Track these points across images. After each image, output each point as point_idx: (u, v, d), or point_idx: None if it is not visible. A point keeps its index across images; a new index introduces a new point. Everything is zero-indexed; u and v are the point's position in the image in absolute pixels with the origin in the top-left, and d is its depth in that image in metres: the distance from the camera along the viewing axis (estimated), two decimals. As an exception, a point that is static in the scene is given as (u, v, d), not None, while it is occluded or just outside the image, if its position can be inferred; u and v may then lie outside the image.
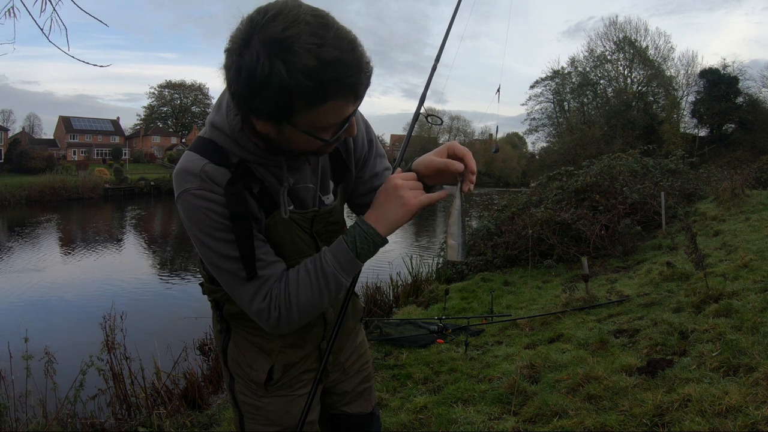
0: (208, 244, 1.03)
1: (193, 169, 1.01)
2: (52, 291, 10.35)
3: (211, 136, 1.05)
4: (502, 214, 9.01)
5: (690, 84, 39.65)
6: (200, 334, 6.09)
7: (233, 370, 1.29)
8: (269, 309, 1.06)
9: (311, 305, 1.08)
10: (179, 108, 71.01)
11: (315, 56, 0.81)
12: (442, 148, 1.10)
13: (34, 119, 63.44)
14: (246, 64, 0.83)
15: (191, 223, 1.02)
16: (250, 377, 1.27)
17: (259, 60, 0.81)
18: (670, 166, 10.62)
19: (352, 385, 1.45)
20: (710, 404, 2.15)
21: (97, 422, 3.41)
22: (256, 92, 0.85)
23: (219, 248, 1.03)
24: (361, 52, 0.87)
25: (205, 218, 1.01)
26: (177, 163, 1.07)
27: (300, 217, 1.15)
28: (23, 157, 42.75)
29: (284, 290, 1.06)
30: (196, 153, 1.05)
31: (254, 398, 1.28)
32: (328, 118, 0.91)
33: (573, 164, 16.30)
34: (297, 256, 1.17)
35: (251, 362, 1.26)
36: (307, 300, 1.06)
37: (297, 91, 0.83)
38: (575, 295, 4.66)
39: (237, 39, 0.85)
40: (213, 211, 1.01)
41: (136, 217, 27.18)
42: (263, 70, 0.81)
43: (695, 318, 3.33)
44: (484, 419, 2.64)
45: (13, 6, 1.99)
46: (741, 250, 5.11)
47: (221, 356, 1.32)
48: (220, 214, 1.01)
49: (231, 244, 1.02)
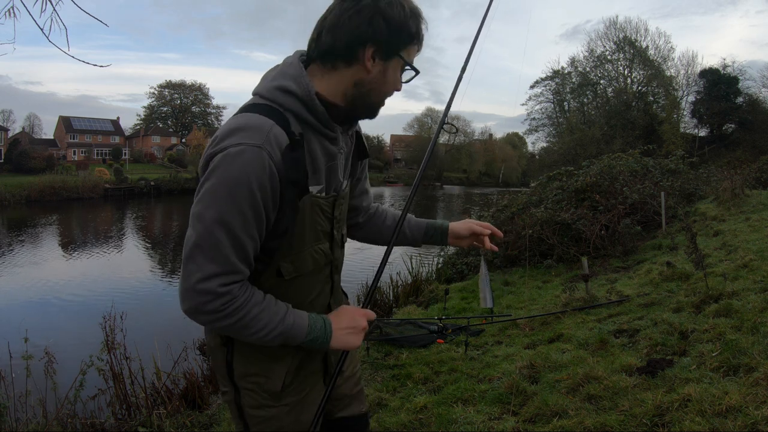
0: (222, 206, 0.98)
1: (262, 126, 1.01)
2: (52, 291, 10.35)
3: (276, 101, 1.06)
4: (502, 214, 9.01)
5: (690, 84, 39.63)
6: (200, 334, 6.05)
7: (241, 384, 1.22)
8: (221, 298, 1.00)
9: (241, 332, 1.05)
10: (179, 108, 71.00)
11: (410, 7, 1.07)
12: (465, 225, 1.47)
13: (34, 119, 63.40)
14: (376, 7, 1.03)
15: (226, 178, 0.97)
16: (263, 387, 1.21)
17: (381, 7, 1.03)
18: (670, 166, 10.62)
19: (349, 388, 1.46)
20: (710, 404, 2.15)
21: (97, 422, 3.41)
22: (385, 28, 1.03)
23: (229, 215, 0.98)
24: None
25: (246, 180, 0.97)
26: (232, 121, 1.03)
27: (324, 201, 1.17)
28: (23, 157, 42.72)
29: (247, 297, 1.04)
30: (260, 114, 1.03)
31: (265, 409, 1.23)
32: (411, 57, 1.13)
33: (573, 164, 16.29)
34: (314, 242, 1.18)
35: (263, 371, 1.21)
36: (253, 320, 1.04)
37: (404, 27, 1.06)
38: (575, 295, 4.66)
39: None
40: (260, 177, 0.99)
41: (136, 217, 27.18)
42: (390, 10, 1.03)
43: (695, 318, 3.33)
44: (484, 419, 2.64)
45: (13, 6, 1.99)
46: (741, 250, 5.11)
47: (224, 371, 1.23)
48: (261, 186, 0.99)
49: (245, 220, 1.00)
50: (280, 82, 1.07)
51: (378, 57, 1.06)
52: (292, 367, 1.25)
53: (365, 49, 1.04)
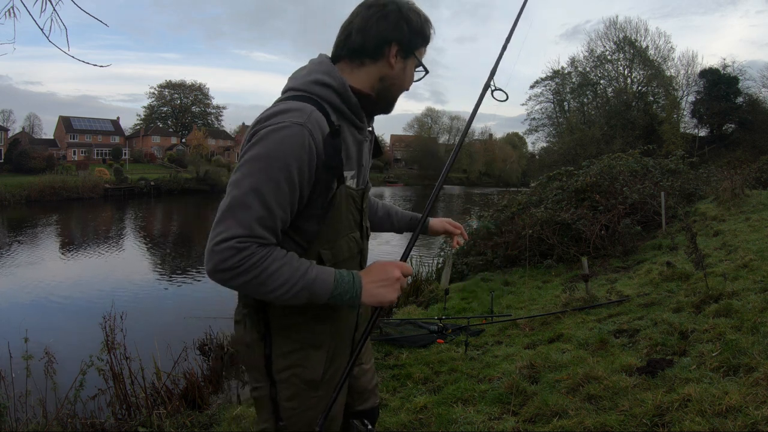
0: (260, 175, 1.03)
1: (304, 108, 1.09)
2: (52, 291, 10.35)
3: (313, 93, 1.15)
4: (502, 214, 9.01)
5: (690, 84, 39.58)
6: (200, 334, 6.09)
7: (279, 377, 1.23)
8: (239, 254, 1.02)
9: (262, 288, 1.05)
10: (179, 108, 71.02)
11: (423, 15, 1.24)
12: (441, 223, 1.69)
13: (34, 119, 63.39)
14: (400, 13, 1.19)
15: (267, 149, 1.04)
16: (302, 377, 1.23)
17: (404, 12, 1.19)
18: (670, 166, 10.62)
19: (367, 381, 1.49)
20: (710, 404, 2.15)
21: (97, 422, 3.41)
22: (407, 30, 1.20)
23: (264, 184, 1.03)
24: None
25: (285, 154, 1.04)
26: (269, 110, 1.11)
27: (355, 192, 1.25)
28: (23, 157, 42.71)
29: (266, 253, 1.05)
30: (301, 101, 1.12)
31: (301, 401, 1.24)
32: (421, 58, 1.28)
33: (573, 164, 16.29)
34: (348, 231, 1.24)
35: (302, 361, 1.23)
36: (271, 277, 1.04)
37: (421, 31, 1.23)
38: (575, 295, 4.66)
39: (380, 3, 1.19)
40: (299, 153, 1.05)
41: (136, 217, 27.18)
42: (411, 15, 1.20)
43: (695, 318, 3.33)
44: (484, 419, 2.64)
45: (13, 6, 1.99)
46: (741, 250, 5.11)
47: (263, 365, 1.23)
48: (299, 161, 1.06)
49: (279, 190, 1.05)
50: (315, 76, 1.17)
51: (399, 55, 1.21)
52: (329, 355, 1.25)
53: (390, 47, 1.19)
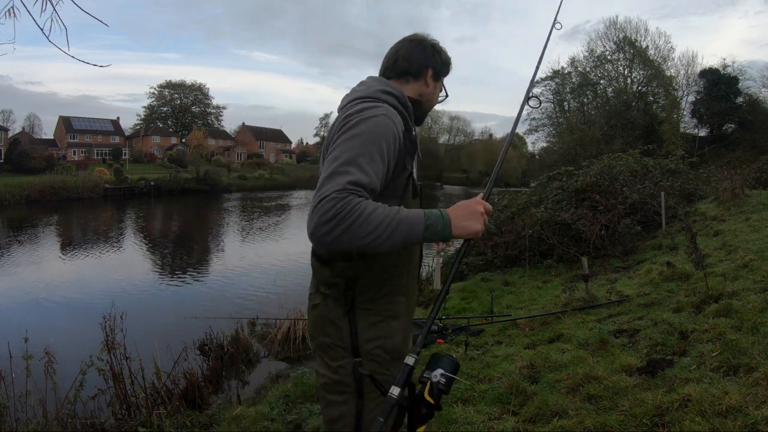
0: (358, 147, 1.21)
1: (385, 106, 1.34)
2: (52, 291, 10.35)
3: (383, 100, 1.37)
4: (502, 214, 9.02)
5: (690, 84, 39.51)
6: (200, 334, 6.10)
7: (366, 350, 1.33)
8: (339, 202, 1.12)
9: (363, 229, 1.13)
10: (179, 108, 70.99)
11: (447, 53, 1.58)
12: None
13: (34, 119, 63.25)
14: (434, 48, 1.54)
15: (373, 128, 1.25)
16: (385, 348, 1.35)
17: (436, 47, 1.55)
18: (670, 166, 10.62)
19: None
20: (710, 404, 2.15)
21: (97, 422, 3.41)
22: (440, 60, 1.55)
23: (362, 156, 1.20)
24: None
25: (380, 133, 1.25)
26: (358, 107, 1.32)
27: (416, 185, 1.44)
28: (23, 157, 42.67)
29: (361, 200, 1.14)
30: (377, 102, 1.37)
31: (383, 374, 1.32)
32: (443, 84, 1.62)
33: (573, 164, 16.27)
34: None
35: (386, 332, 1.36)
36: (369, 218, 1.13)
37: (447, 63, 1.58)
38: (575, 295, 4.67)
39: (413, 35, 1.56)
40: (388, 135, 1.27)
41: (136, 217, 27.18)
42: (441, 50, 1.56)
43: (695, 318, 3.33)
44: (484, 419, 2.64)
45: (13, 6, 1.99)
46: (741, 250, 5.11)
47: (348, 341, 1.33)
48: (388, 141, 1.26)
49: (374, 161, 1.21)
50: (380, 87, 1.42)
51: (433, 78, 1.54)
52: (404, 326, 1.40)
53: (428, 70, 1.52)
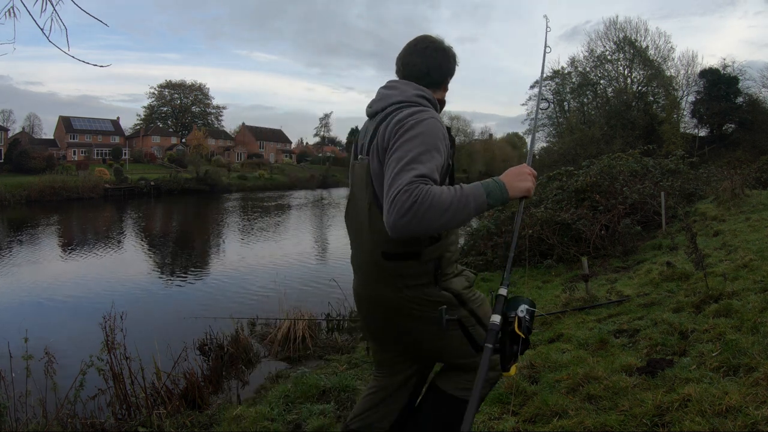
0: (421, 144, 1.39)
1: (432, 109, 1.56)
2: (52, 291, 10.34)
3: (422, 105, 1.57)
4: (502, 214, 9.01)
5: (690, 84, 39.52)
6: (200, 334, 6.09)
7: (469, 298, 1.63)
8: (415, 190, 1.28)
9: (440, 208, 1.28)
10: (179, 108, 70.99)
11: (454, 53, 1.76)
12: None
13: (34, 119, 63.21)
14: (450, 53, 1.72)
15: (428, 130, 1.43)
16: (470, 279, 1.69)
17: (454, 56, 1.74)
18: (670, 166, 10.62)
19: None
20: (710, 404, 2.15)
21: (97, 422, 3.41)
22: (455, 66, 1.74)
23: (426, 152, 1.38)
24: None
25: (436, 133, 1.45)
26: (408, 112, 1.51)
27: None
28: (23, 157, 42.67)
29: (430, 186, 1.30)
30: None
31: (485, 308, 1.67)
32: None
33: (573, 164, 16.28)
34: None
35: (463, 277, 1.66)
36: (440, 198, 1.29)
37: (455, 64, 1.75)
38: (575, 295, 4.67)
39: (435, 42, 1.70)
40: (441, 135, 1.47)
41: (136, 217, 27.18)
42: (452, 54, 1.73)
43: (695, 318, 3.33)
44: (484, 419, 2.64)
45: (13, 6, 1.99)
46: (741, 250, 5.11)
47: (454, 300, 1.58)
48: (442, 140, 1.46)
49: (434, 156, 1.39)
50: (416, 92, 1.60)
51: (448, 82, 1.75)
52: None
53: (449, 78, 1.74)
